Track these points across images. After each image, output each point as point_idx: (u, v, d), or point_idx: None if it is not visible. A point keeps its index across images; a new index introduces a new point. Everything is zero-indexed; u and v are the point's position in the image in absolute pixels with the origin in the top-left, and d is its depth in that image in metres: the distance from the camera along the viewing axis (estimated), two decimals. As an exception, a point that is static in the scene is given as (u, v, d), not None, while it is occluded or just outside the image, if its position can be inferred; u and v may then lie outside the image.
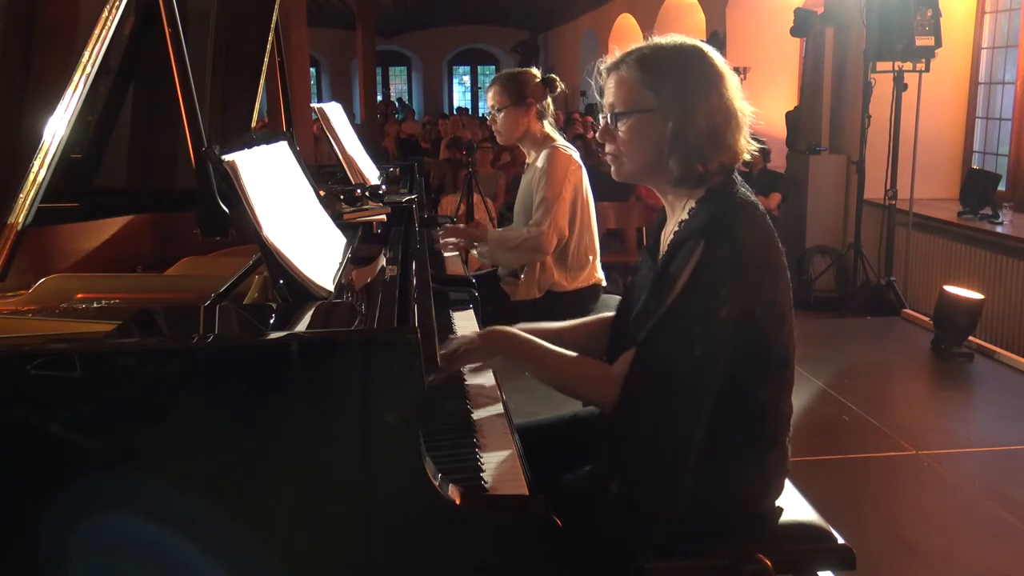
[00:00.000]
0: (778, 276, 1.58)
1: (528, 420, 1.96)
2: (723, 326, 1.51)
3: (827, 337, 5.34)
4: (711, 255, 1.51)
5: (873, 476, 3.41)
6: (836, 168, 6.70)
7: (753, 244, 1.55)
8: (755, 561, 1.55)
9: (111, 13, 1.58)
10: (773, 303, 1.57)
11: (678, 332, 1.52)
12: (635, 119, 1.61)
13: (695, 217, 1.61)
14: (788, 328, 1.62)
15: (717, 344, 1.51)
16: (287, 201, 1.74)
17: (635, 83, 1.60)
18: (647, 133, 1.60)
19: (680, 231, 1.62)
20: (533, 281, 3.32)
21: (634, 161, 1.65)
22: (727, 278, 1.51)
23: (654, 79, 1.59)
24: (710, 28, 9.49)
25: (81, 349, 1.30)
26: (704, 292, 1.51)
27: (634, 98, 1.61)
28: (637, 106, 1.61)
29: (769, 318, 1.57)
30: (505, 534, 1.36)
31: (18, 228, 1.48)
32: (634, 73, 1.61)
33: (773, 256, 1.58)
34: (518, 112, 3.29)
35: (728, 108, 1.59)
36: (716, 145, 1.59)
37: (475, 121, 13.59)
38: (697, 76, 1.58)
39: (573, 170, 3.26)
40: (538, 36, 18.73)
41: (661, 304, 1.54)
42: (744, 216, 1.58)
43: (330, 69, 20.12)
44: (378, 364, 1.29)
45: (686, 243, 1.55)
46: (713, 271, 1.51)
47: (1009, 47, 6.13)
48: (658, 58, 1.60)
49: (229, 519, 1.28)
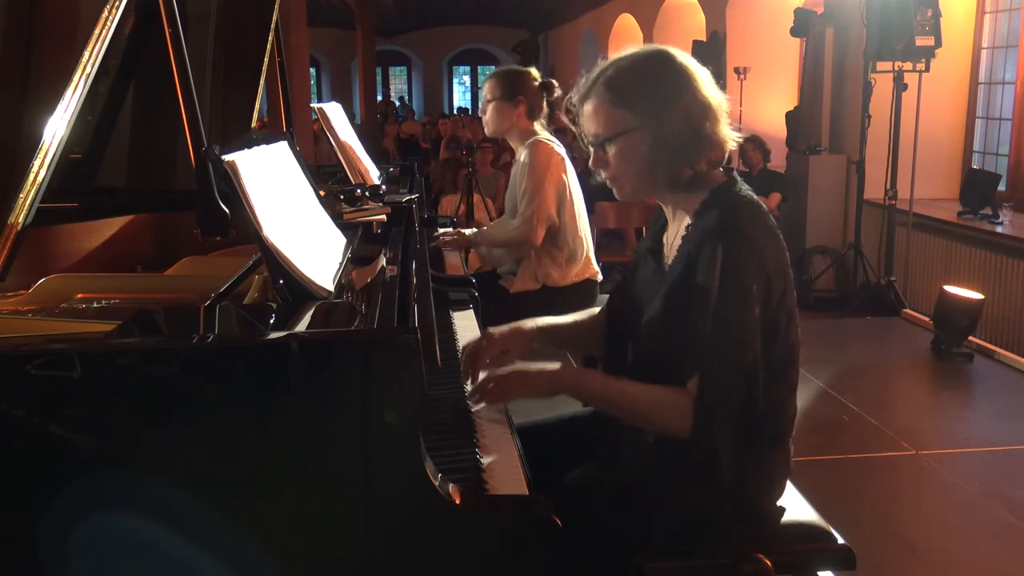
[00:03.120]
0: (787, 273, 1.60)
1: (528, 420, 1.96)
2: (758, 324, 1.53)
3: (827, 337, 5.34)
4: (733, 256, 1.52)
5: (873, 476, 3.42)
6: (836, 168, 6.70)
7: (765, 241, 1.56)
8: (755, 561, 1.55)
9: (111, 13, 1.58)
10: (782, 300, 1.58)
11: (730, 344, 1.52)
12: (620, 141, 1.62)
13: (703, 219, 1.61)
14: (795, 326, 1.63)
15: (759, 345, 1.53)
16: (287, 201, 1.74)
17: (609, 107, 1.62)
18: (634, 152, 1.61)
19: (690, 235, 1.62)
20: (530, 273, 3.34)
21: (630, 182, 1.66)
22: (754, 276, 1.52)
23: (625, 97, 1.60)
24: (710, 28, 9.49)
25: (81, 349, 1.30)
26: (738, 294, 1.51)
27: (613, 122, 1.62)
28: (618, 128, 1.62)
29: (779, 316, 1.58)
30: (505, 534, 1.36)
31: (18, 228, 1.48)
32: (605, 97, 1.62)
33: (781, 253, 1.59)
34: (506, 107, 3.31)
35: (702, 103, 1.59)
36: (698, 142, 1.59)
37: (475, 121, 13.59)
38: (666, 81, 1.59)
39: (556, 161, 3.27)
40: (538, 36, 18.72)
41: (701, 318, 1.52)
42: (753, 215, 1.59)
43: (330, 69, 20.13)
44: (378, 364, 1.29)
45: (703, 248, 1.55)
46: (740, 271, 1.51)
47: (1009, 47, 6.13)
48: (623, 75, 1.61)
49: (229, 519, 1.28)
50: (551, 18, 17.06)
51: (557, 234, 3.31)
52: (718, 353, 1.52)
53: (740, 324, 1.51)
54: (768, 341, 1.56)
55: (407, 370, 1.30)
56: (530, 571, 1.37)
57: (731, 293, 1.51)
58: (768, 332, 1.55)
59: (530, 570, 1.37)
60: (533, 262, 3.34)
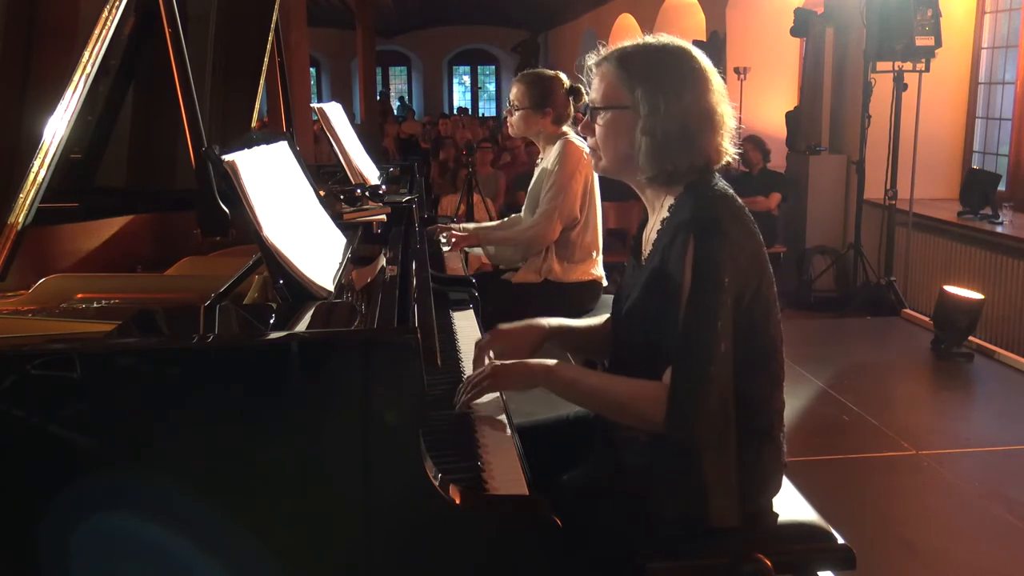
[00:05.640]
0: (762, 267, 1.60)
1: (528, 420, 1.96)
2: (731, 315, 1.53)
3: (827, 337, 5.34)
4: (704, 247, 1.53)
5: (873, 476, 3.42)
6: (836, 168, 6.70)
7: (738, 235, 1.56)
8: (755, 561, 1.55)
9: (111, 13, 1.58)
10: (758, 293, 1.59)
11: (702, 334, 1.52)
12: (611, 115, 1.65)
13: (677, 212, 1.62)
14: (775, 320, 1.64)
15: (733, 335, 1.53)
16: (287, 201, 1.74)
17: (613, 79, 1.64)
18: (621, 129, 1.64)
19: (665, 228, 1.63)
20: (534, 266, 3.36)
21: (608, 155, 1.69)
22: (726, 267, 1.52)
23: (631, 77, 1.62)
24: (710, 28, 9.49)
25: (81, 349, 1.30)
26: (710, 285, 1.52)
27: (611, 94, 1.65)
28: (613, 102, 1.64)
29: (756, 309, 1.59)
30: (505, 534, 1.36)
31: (18, 228, 1.48)
32: (613, 70, 1.64)
33: (756, 247, 1.60)
34: (535, 116, 3.32)
35: (704, 111, 1.61)
36: (687, 146, 1.60)
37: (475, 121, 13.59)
38: (674, 76, 1.60)
39: (585, 163, 3.29)
40: (538, 36, 18.72)
41: (673, 309, 1.54)
42: (726, 208, 1.59)
43: (330, 69, 20.13)
44: (378, 364, 1.30)
45: (675, 240, 1.56)
46: (712, 263, 1.52)
47: (1009, 47, 6.13)
48: (638, 56, 1.63)
49: (229, 518, 1.28)
50: (551, 18, 17.07)
51: (572, 236, 3.33)
52: (690, 343, 1.52)
53: (712, 314, 1.52)
54: (745, 334, 1.56)
55: (407, 370, 1.30)
56: (530, 571, 1.37)
57: (703, 284, 1.52)
58: (744, 325, 1.56)
59: (530, 570, 1.37)
60: (539, 256, 3.35)
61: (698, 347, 1.52)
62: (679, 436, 1.54)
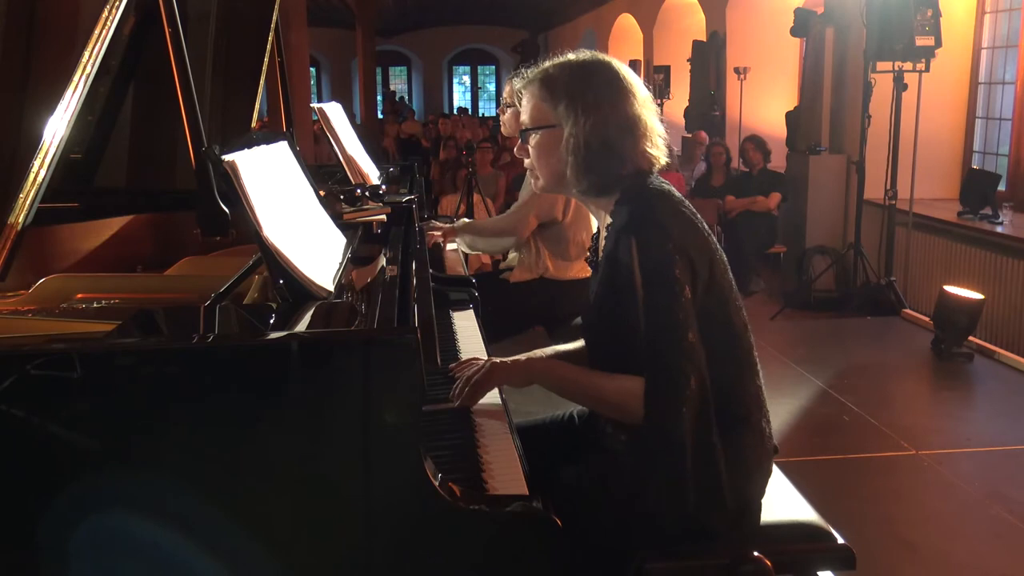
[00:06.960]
0: (709, 255, 1.62)
1: (528, 420, 1.96)
2: (690, 304, 1.55)
3: (827, 337, 5.34)
4: (646, 245, 1.55)
5: (873, 476, 3.41)
6: (836, 168, 6.70)
7: (677, 227, 1.59)
8: (755, 561, 1.55)
9: (111, 13, 1.58)
10: (711, 282, 1.60)
11: (666, 331, 1.54)
12: (540, 135, 1.70)
13: (617, 217, 1.65)
14: (734, 306, 1.65)
15: (697, 323, 1.55)
16: (287, 201, 1.74)
17: (539, 100, 1.69)
18: (551, 147, 1.68)
19: (609, 234, 1.66)
20: (527, 263, 3.39)
21: (543, 174, 1.73)
22: (674, 261, 1.55)
23: (553, 96, 1.66)
24: (710, 28, 9.50)
25: (81, 349, 1.30)
26: (661, 281, 1.54)
27: (538, 115, 1.70)
28: (541, 122, 1.69)
29: (711, 296, 1.60)
30: (505, 534, 1.36)
31: (18, 228, 1.48)
32: (537, 90, 1.69)
33: (700, 238, 1.62)
34: None
35: (624, 120, 1.64)
36: (610, 156, 1.63)
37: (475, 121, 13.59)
38: (592, 90, 1.64)
39: None
40: (538, 36, 18.72)
41: (633, 312, 1.56)
42: (662, 204, 1.62)
43: (330, 69, 20.14)
44: (378, 364, 1.30)
45: (619, 244, 1.59)
46: (658, 259, 1.55)
47: (1009, 47, 6.13)
48: (559, 74, 1.67)
49: (229, 518, 1.28)
50: (551, 18, 17.07)
51: (559, 232, 3.34)
52: (657, 343, 1.54)
53: (670, 310, 1.54)
54: (704, 323, 1.57)
55: (407, 370, 1.30)
56: (529, 570, 1.37)
57: (654, 282, 1.55)
58: (702, 314, 1.57)
59: (529, 569, 1.37)
60: (533, 255, 3.37)
61: (666, 344, 1.54)
62: (663, 430, 1.55)
